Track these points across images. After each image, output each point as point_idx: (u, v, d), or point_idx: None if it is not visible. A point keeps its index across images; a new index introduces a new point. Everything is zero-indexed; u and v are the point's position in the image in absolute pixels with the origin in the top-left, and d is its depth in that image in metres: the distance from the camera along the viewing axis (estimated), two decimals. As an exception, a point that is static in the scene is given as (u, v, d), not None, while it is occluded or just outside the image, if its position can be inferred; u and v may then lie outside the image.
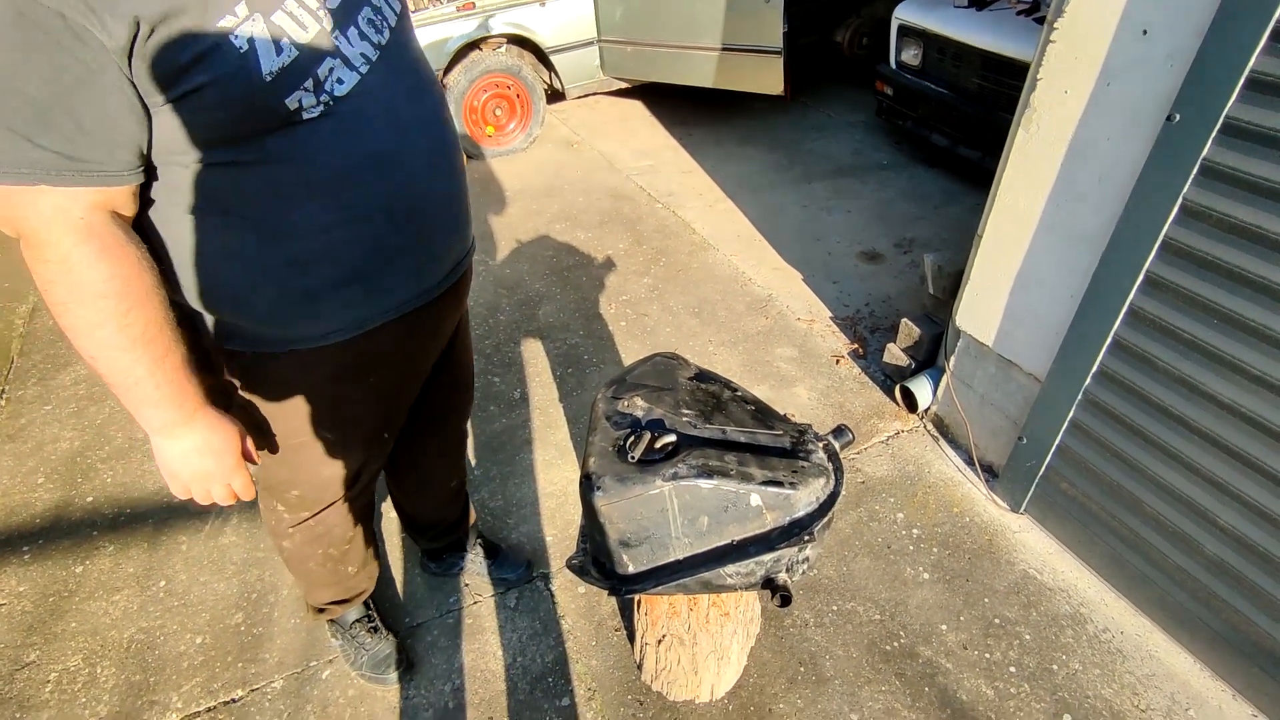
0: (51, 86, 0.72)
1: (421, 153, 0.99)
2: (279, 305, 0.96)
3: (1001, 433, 2.13)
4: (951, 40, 3.70)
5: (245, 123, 0.82)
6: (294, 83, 0.82)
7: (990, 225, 1.97)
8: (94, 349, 0.84)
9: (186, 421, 0.92)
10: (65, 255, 0.78)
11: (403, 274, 1.03)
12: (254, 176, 0.86)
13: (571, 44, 4.28)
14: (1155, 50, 1.50)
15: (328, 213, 0.91)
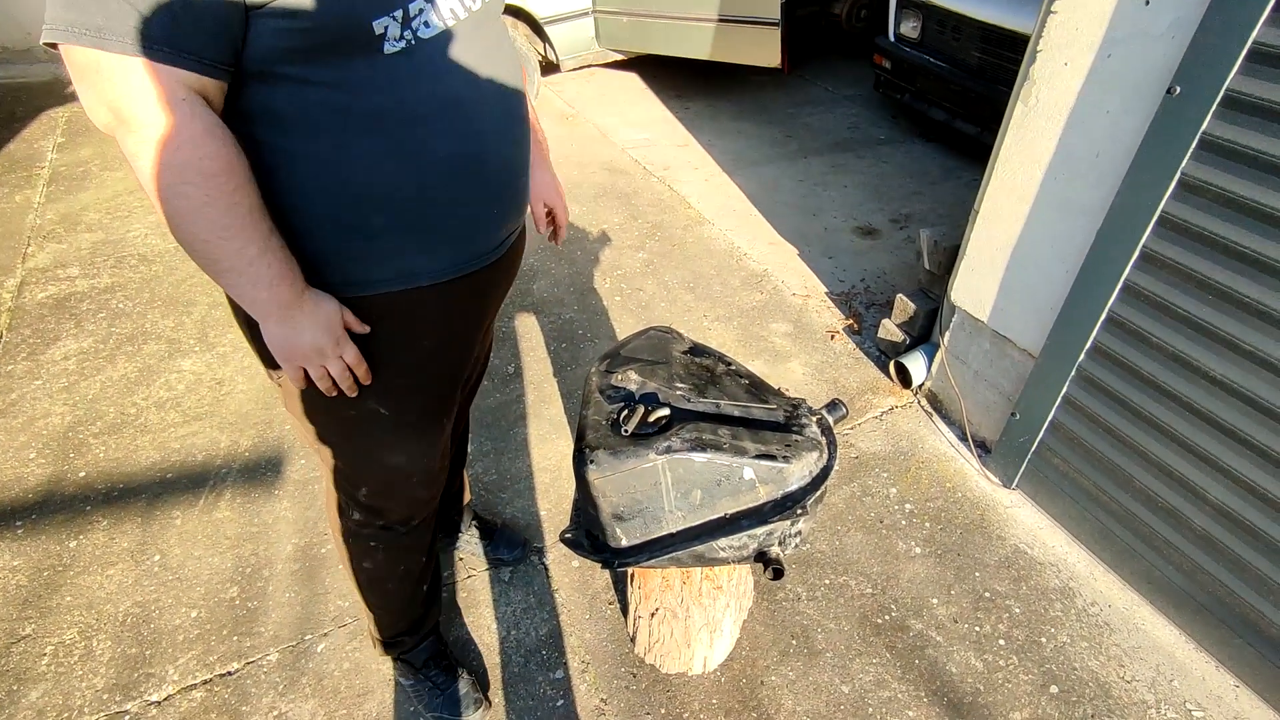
0: None
1: (493, 113, 1.00)
2: (329, 238, 0.95)
3: (995, 408, 2.13)
4: (951, 13, 3.65)
5: (331, 35, 0.82)
6: (385, 7, 0.83)
7: (987, 200, 1.96)
8: (207, 231, 0.83)
9: (298, 298, 0.92)
10: (175, 132, 0.78)
11: (457, 232, 1.02)
12: (326, 100, 0.86)
13: (566, 15, 4.21)
14: (1158, 21, 1.48)
15: (390, 151, 0.91)
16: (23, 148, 3.77)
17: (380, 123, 0.89)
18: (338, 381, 1.00)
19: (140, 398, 2.29)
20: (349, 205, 0.93)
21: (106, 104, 0.78)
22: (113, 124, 0.79)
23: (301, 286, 0.92)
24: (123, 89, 0.77)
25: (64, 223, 3.15)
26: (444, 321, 1.10)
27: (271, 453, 2.11)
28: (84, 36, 0.74)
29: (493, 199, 1.05)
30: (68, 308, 2.66)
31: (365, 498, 1.23)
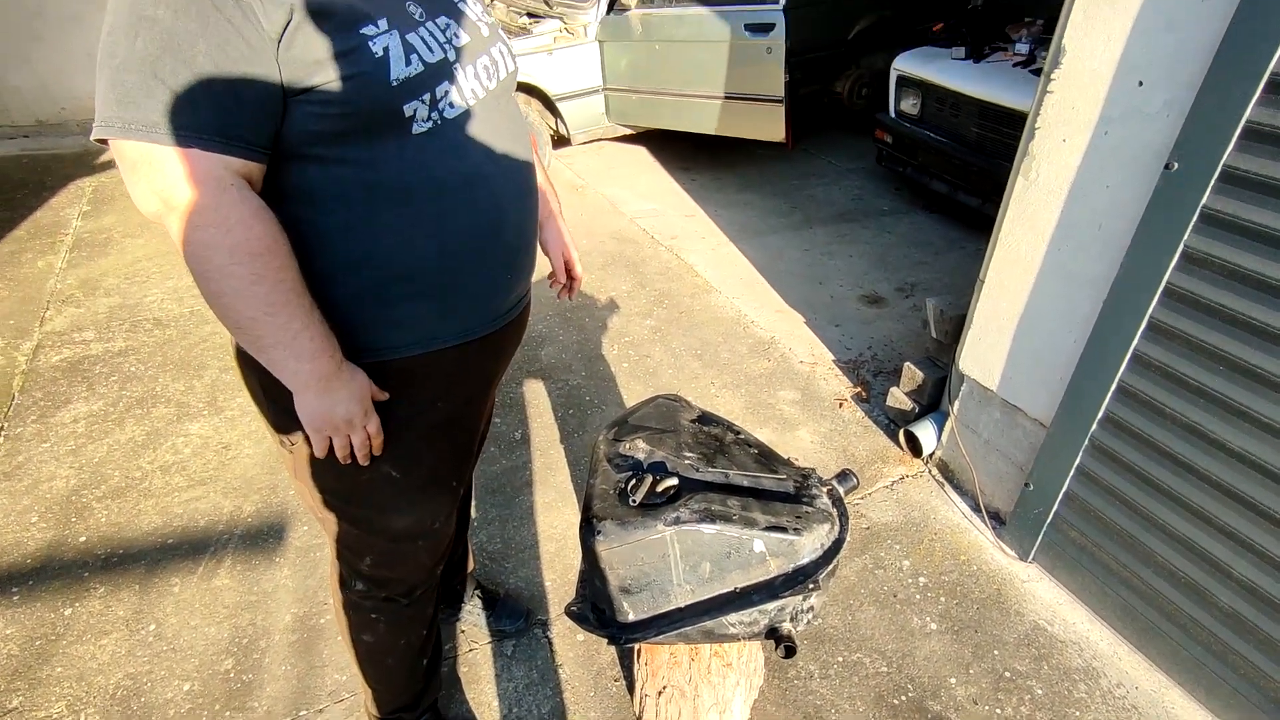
0: (217, 60, 0.78)
1: (510, 187, 1.06)
2: (354, 307, 0.98)
3: (1007, 479, 2.10)
4: (949, 90, 3.78)
5: (365, 121, 0.87)
6: (414, 93, 0.89)
7: (992, 270, 1.98)
8: (254, 308, 0.86)
9: (338, 370, 0.94)
10: (225, 216, 0.81)
11: (473, 298, 1.06)
12: (357, 177, 0.90)
13: (578, 92, 4.38)
14: (1152, 100, 1.52)
15: (417, 223, 0.95)
16: (49, 215, 3.88)
17: (407, 197, 0.94)
18: (356, 450, 1.02)
19: (146, 461, 2.28)
20: (374, 275, 0.96)
21: (157, 193, 0.81)
22: (162, 211, 0.83)
23: (340, 358, 0.95)
24: (174, 178, 0.80)
25: (83, 287, 3.21)
26: (458, 383, 1.13)
27: (274, 519, 2.09)
28: (138, 132, 0.78)
29: (507, 265, 1.09)
30: (80, 371, 2.68)
31: (368, 568, 1.22)
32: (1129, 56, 1.55)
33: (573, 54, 4.27)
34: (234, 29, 0.77)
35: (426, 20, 0.94)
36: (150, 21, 0.76)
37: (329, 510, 1.15)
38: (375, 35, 0.86)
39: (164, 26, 0.76)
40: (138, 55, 0.76)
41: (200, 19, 0.76)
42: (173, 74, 0.76)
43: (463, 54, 0.97)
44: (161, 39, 0.76)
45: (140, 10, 0.76)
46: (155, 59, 0.76)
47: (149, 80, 0.76)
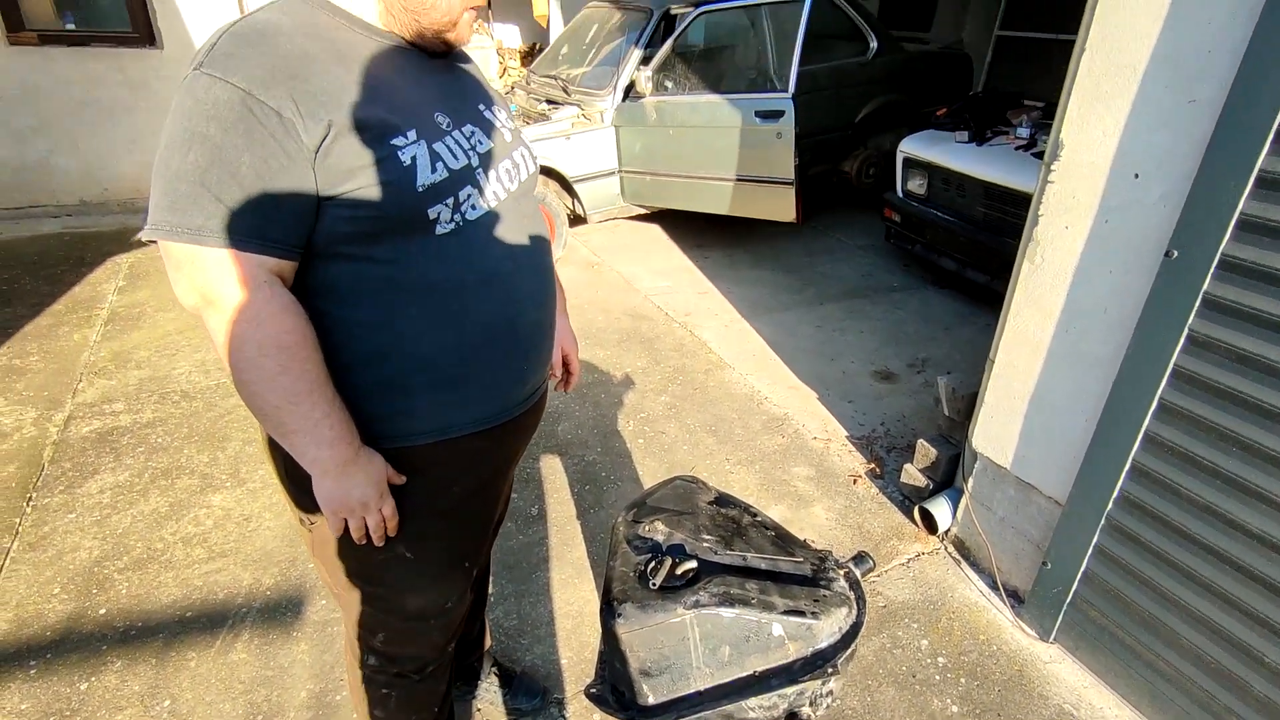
0: (259, 170, 0.86)
1: (528, 283, 1.12)
2: (375, 396, 1.03)
3: (1025, 556, 2.08)
4: (955, 172, 3.91)
5: (391, 223, 0.94)
6: (438, 197, 0.96)
7: (1001, 349, 2.02)
8: (279, 397, 0.92)
9: (355, 455, 0.99)
10: (257, 312, 0.88)
11: (490, 389, 1.11)
12: (381, 275, 0.97)
13: (594, 174, 4.56)
14: (1149, 192, 1.59)
15: (438, 317, 1.01)
16: (87, 290, 4.03)
17: (429, 293, 1.00)
18: (371, 531, 1.06)
19: (168, 532, 2.31)
20: (395, 367, 1.02)
21: (198, 290, 0.89)
22: (201, 305, 0.90)
23: (358, 444, 1.00)
24: (213, 276, 0.88)
25: (115, 360, 3.32)
26: (474, 470, 1.17)
27: (293, 592, 2.10)
28: (185, 235, 0.86)
29: (523, 358, 1.15)
30: (109, 441, 2.74)
31: (381, 644, 1.25)
32: (1124, 151, 1.63)
33: (590, 138, 4.47)
34: (276, 143, 0.86)
35: (453, 129, 1.02)
36: (202, 138, 0.84)
37: (344, 588, 1.19)
38: (404, 146, 0.93)
39: (214, 142, 0.84)
40: (189, 166, 0.85)
41: (246, 135, 0.84)
42: (219, 184, 0.85)
43: (486, 159, 1.05)
44: (211, 153, 0.84)
45: (194, 127, 0.85)
46: (204, 170, 0.84)
47: (197, 189, 0.85)
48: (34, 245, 4.65)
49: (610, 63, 4.72)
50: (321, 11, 0.97)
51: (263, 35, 0.89)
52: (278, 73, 0.87)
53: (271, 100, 0.85)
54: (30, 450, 2.67)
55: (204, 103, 0.85)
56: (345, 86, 0.91)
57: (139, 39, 5.12)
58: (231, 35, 0.89)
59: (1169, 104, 1.52)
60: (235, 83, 0.84)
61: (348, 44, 0.96)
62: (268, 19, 0.92)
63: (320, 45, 0.93)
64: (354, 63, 0.95)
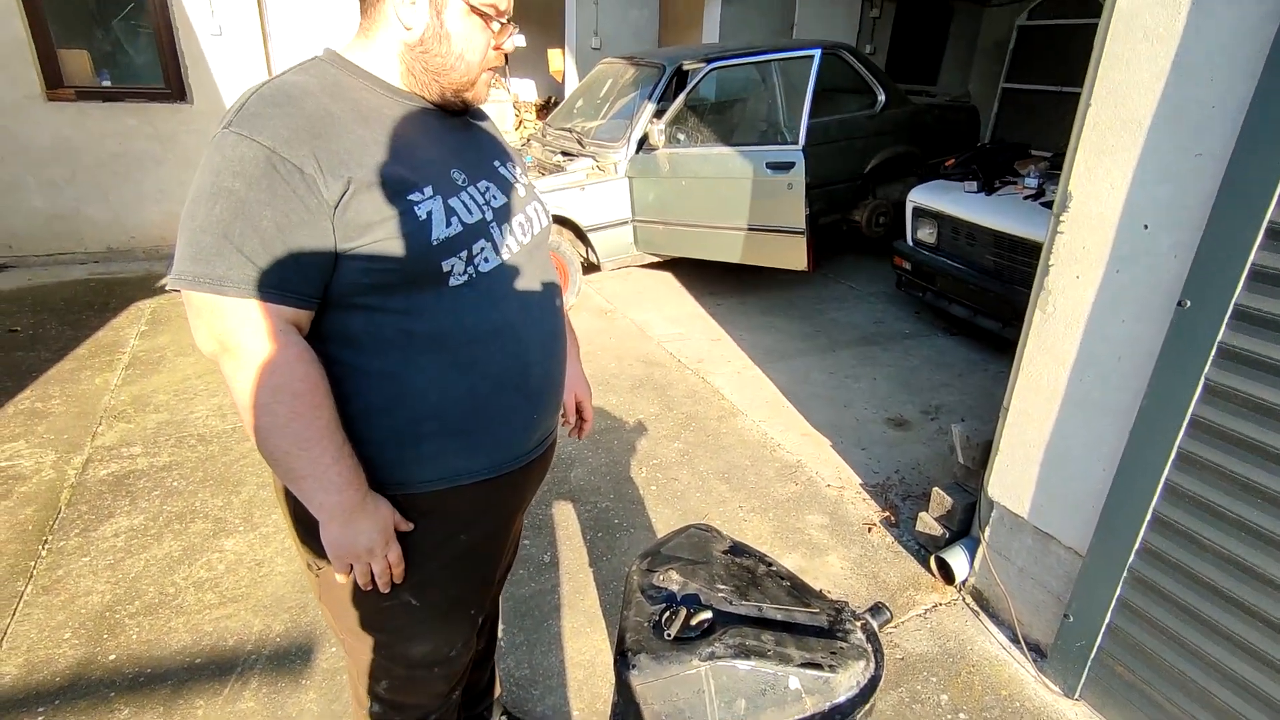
0: (280, 224, 0.90)
1: (539, 334, 1.15)
2: (384, 444, 1.05)
3: (1045, 608, 2.04)
4: (964, 221, 3.95)
5: (406, 275, 0.97)
6: (452, 250, 1.00)
7: (1015, 398, 2.02)
8: (289, 443, 0.94)
9: (362, 502, 1.00)
10: (271, 360, 0.92)
11: (499, 437, 1.12)
12: (395, 324, 1.00)
13: (608, 224, 4.64)
14: (1159, 242, 1.61)
15: (449, 367, 1.04)
16: (110, 334, 4.11)
17: (441, 343, 1.03)
18: (377, 577, 1.07)
19: (180, 577, 2.31)
20: (405, 414, 1.04)
21: (216, 337, 0.93)
22: (218, 351, 0.93)
23: (365, 491, 1.01)
24: (232, 324, 0.91)
25: (135, 403, 3.36)
26: (480, 518, 1.18)
27: (303, 639, 2.08)
28: (207, 285, 0.89)
29: (533, 408, 1.16)
30: (125, 485, 2.76)
31: (384, 691, 1.25)
32: (1132, 202, 1.65)
33: (603, 189, 4.56)
34: (298, 198, 0.90)
35: (468, 185, 1.06)
36: (227, 192, 0.89)
37: (349, 634, 1.19)
38: (420, 201, 0.97)
39: (238, 196, 0.88)
40: (214, 219, 0.89)
41: (269, 190, 0.89)
42: (241, 236, 0.88)
43: (500, 213, 1.09)
44: (235, 206, 0.88)
45: (220, 182, 0.89)
46: (228, 223, 0.88)
47: (220, 241, 0.88)
48: (61, 291, 4.76)
49: (624, 116, 4.84)
50: (346, 74, 1.02)
51: (289, 97, 0.94)
52: (301, 132, 0.91)
53: (294, 158, 0.89)
54: (48, 493, 2.70)
55: (231, 159, 0.89)
56: (365, 145, 0.96)
57: (170, 94, 5.32)
58: (259, 97, 0.94)
59: (1175, 157, 1.55)
60: (261, 141, 0.89)
61: (369, 105, 1.01)
62: (294, 81, 0.97)
63: (343, 106, 0.98)
64: (375, 122, 0.99)
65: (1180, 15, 1.50)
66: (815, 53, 4.14)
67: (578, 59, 7.26)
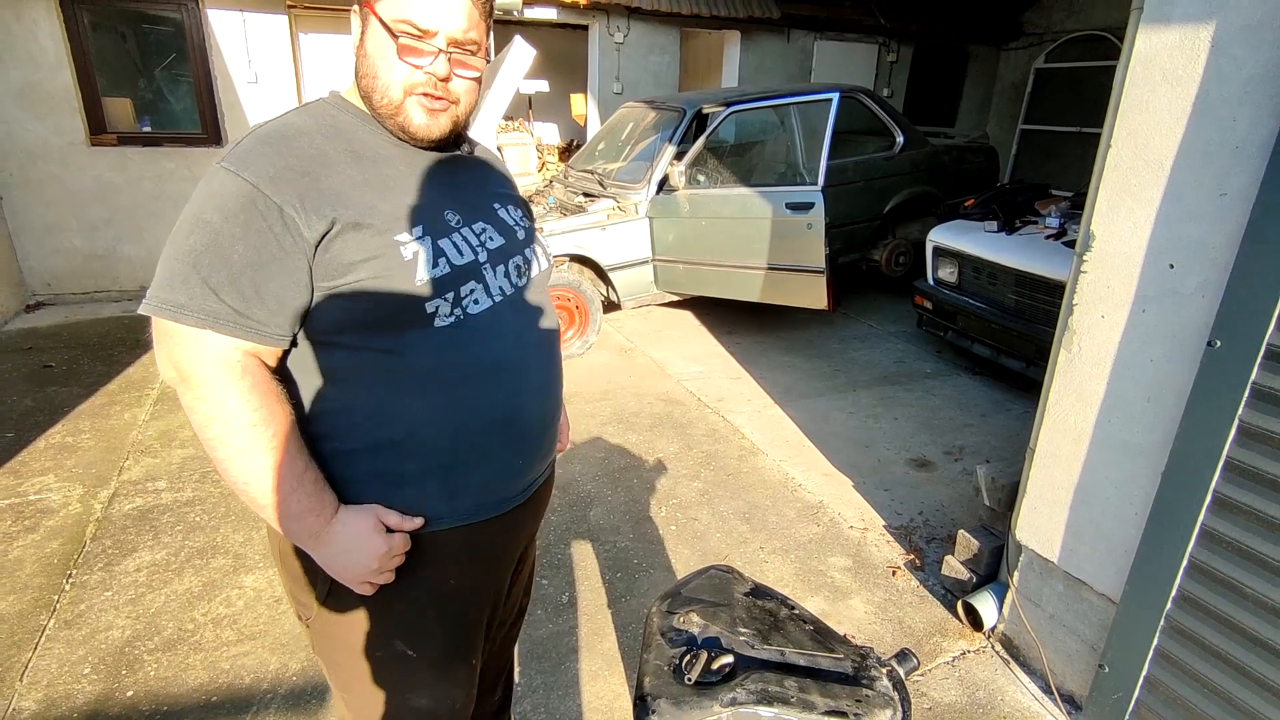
0: (250, 258, 0.90)
1: (532, 375, 1.13)
2: (363, 482, 1.03)
3: (1079, 658, 1.97)
4: (986, 261, 3.94)
5: (388, 314, 0.97)
6: (438, 292, 0.99)
7: (1042, 439, 1.98)
8: (247, 474, 0.94)
9: (326, 525, 0.99)
10: (224, 391, 0.91)
11: (484, 481, 1.10)
12: (379, 363, 0.99)
13: (628, 263, 4.69)
14: (1185, 282, 1.59)
15: (434, 408, 1.02)
16: (140, 370, 4.19)
17: (427, 383, 1.01)
18: (388, 568, 1.05)
19: (200, 613, 2.31)
20: (386, 453, 1.03)
21: (174, 364, 0.93)
22: (176, 379, 0.94)
23: (328, 516, 0.99)
24: (188, 353, 0.92)
25: (161, 439, 3.41)
26: (468, 562, 1.14)
27: (318, 677, 2.06)
28: (167, 310, 0.90)
29: (520, 453, 1.14)
30: (149, 519, 2.79)
31: None
32: (1157, 242, 1.64)
33: (624, 229, 4.62)
34: (272, 236, 0.91)
35: (462, 226, 1.05)
36: (205, 224, 0.90)
37: (347, 690, 1.15)
38: (407, 242, 0.97)
39: (213, 228, 0.90)
40: (188, 249, 0.90)
41: (244, 225, 0.90)
42: (209, 267, 0.89)
43: (496, 255, 1.07)
44: (209, 238, 0.90)
45: (200, 214, 0.91)
46: (200, 254, 0.90)
47: (188, 270, 0.90)
48: (96, 328, 4.88)
49: (645, 158, 4.93)
50: (345, 114, 1.03)
51: (283, 137, 0.96)
52: (289, 170, 0.93)
53: (276, 196, 0.91)
54: (74, 527, 2.73)
55: (215, 193, 0.91)
56: (355, 184, 0.97)
57: (207, 139, 5.52)
58: (255, 136, 0.96)
59: (1199, 197, 1.54)
60: (246, 177, 0.91)
61: (366, 144, 1.02)
62: (291, 121, 0.99)
63: (338, 145, 0.99)
64: (369, 162, 1.00)
65: (1200, 58, 1.51)
66: (834, 96, 4.20)
67: (600, 103, 7.43)
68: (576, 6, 6.79)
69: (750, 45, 7.87)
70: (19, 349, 4.48)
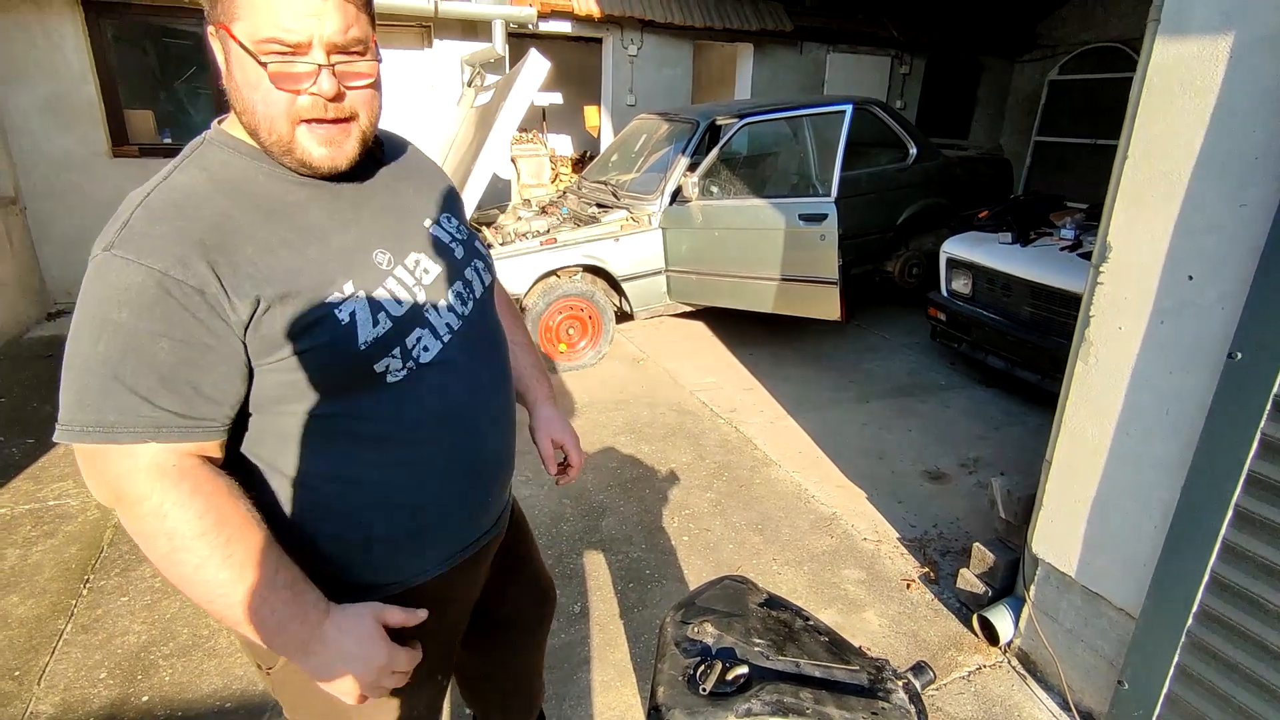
0: (179, 354, 0.78)
1: (487, 413, 1.06)
2: (338, 549, 0.96)
3: (1097, 673, 1.95)
4: (1000, 273, 3.92)
5: (336, 382, 0.89)
6: (385, 350, 0.90)
7: (1059, 451, 1.97)
8: (207, 592, 0.82)
9: (318, 626, 0.87)
10: (159, 504, 0.79)
11: (451, 528, 1.06)
12: (334, 427, 0.91)
13: (641, 273, 4.70)
14: (1204, 294, 1.58)
15: (398, 464, 0.95)
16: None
17: (384, 442, 0.94)
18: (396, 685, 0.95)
19: (214, 620, 2.33)
20: (351, 518, 0.95)
21: (108, 486, 0.81)
22: (113, 502, 0.82)
23: (316, 620, 0.88)
24: (122, 470, 0.80)
25: (178, 446, 3.44)
26: (442, 605, 1.08)
27: (330, 687, 2.07)
28: (94, 435, 0.78)
29: (486, 490, 1.09)
30: (165, 526, 2.81)
31: None
32: (1175, 253, 1.63)
33: (637, 240, 4.64)
34: (198, 322, 0.79)
35: (395, 266, 0.93)
36: (114, 325, 0.77)
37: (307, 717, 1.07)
38: (341, 302, 0.86)
39: (126, 330, 0.77)
40: (99, 358, 0.77)
41: (164, 319, 0.77)
42: (134, 374, 0.77)
43: (433, 289, 0.97)
44: (124, 341, 0.77)
45: (104, 314, 0.77)
46: (117, 362, 0.77)
47: (108, 382, 0.77)
48: (113, 336, 4.95)
49: (658, 170, 4.95)
50: (238, 157, 0.89)
51: (178, 207, 0.82)
52: (197, 247, 0.79)
53: (192, 279, 0.78)
54: (92, 532, 2.75)
55: (114, 287, 0.77)
56: (272, 249, 0.84)
57: (226, 150, 5.60)
58: (145, 210, 0.82)
59: (1218, 208, 1.53)
60: (150, 264, 0.77)
61: (270, 194, 0.88)
62: (183, 184, 0.85)
63: (241, 203, 0.86)
64: (280, 216, 0.87)
65: (1219, 69, 1.50)
66: (847, 108, 4.21)
67: (613, 115, 7.47)
68: (591, 20, 6.85)
69: (763, 58, 7.91)
70: (40, 356, 4.55)
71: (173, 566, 0.82)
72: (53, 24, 4.94)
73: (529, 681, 1.56)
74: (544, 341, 4.43)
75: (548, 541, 2.75)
